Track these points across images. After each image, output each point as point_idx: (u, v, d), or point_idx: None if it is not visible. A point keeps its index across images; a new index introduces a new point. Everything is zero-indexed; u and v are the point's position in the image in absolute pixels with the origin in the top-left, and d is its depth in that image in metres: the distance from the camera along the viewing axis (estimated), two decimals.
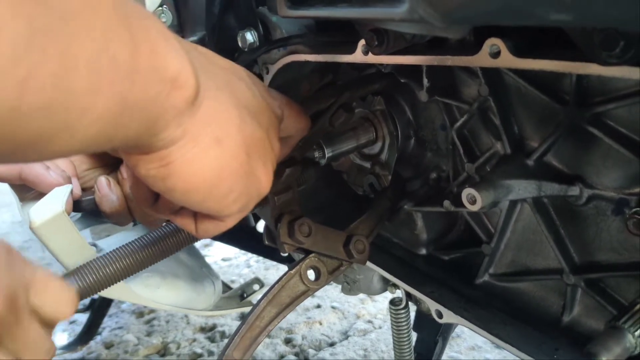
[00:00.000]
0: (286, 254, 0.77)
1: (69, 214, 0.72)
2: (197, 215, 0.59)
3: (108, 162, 0.91)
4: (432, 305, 0.80)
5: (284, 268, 0.80)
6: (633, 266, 0.65)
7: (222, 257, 2.48)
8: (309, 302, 2.08)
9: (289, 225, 0.74)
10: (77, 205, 0.83)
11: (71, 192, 0.76)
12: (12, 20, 0.30)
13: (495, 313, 0.77)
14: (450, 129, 0.80)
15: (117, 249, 0.63)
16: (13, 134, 0.33)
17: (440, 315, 0.79)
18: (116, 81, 0.37)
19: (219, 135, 0.50)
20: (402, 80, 0.83)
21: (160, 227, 0.70)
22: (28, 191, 0.80)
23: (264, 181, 0.58)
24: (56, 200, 0.72)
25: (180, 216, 0.59)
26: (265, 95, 0.62)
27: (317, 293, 2.14)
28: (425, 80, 0.78)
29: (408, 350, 0.98)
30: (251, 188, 0.56)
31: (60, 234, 0.70)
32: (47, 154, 0.38)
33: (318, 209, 1.02)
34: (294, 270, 0.76)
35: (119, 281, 0.63)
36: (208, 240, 2.56)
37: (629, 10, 0.31)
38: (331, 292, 2.15)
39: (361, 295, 2.11)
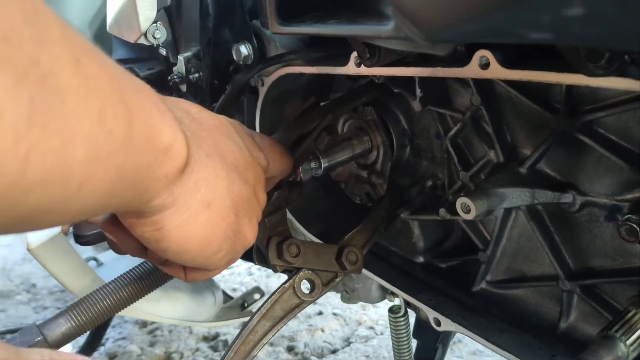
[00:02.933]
0: (278, 272, 0.78)
1: (65, 234, 0.72)
2: (186, 267, 0.61)
3: None
4: (430, 313, 0.80)
5: (284, 276, 0.80)
6: (628, 272, 0.66)
7: None
8: (310, 309, 2.09)
9: (278, 247, 0.75)
10: (83, 239, 0.83)
11: None
12: (14, 102, 0.31)
13: (493, 320, 0.77)
14: (445, 137, 0.81)
15: (113, 281, 0.64)
16: (13, 207, 0.34)
17: (438, 323, 0.80)
18: (112, 153, 0.38)
19: (208, 200, 0.53)
20: (396, 91, 0.84)
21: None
22: None
23: (249, 237, 0.61)
24: None
25: (169, 266, 0.62)
26: (252, 149, 0.63)
27: (319, 300, 2.14)
28: (418, 91, 0.79)
29: (408, 357, 0.99)
30: (237, 245, 0.59)
31: (57, 255, 0.71)
32: (44, 224, 0.40)
33: (317, 218, 1.03)
34: (287, 284, 0.76)
35: (117, 312, 0.63)
36: None
37: (605, 30, 0.31)
38: (332, 299, 2.15)
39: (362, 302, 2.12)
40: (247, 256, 1.47)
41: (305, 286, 0.78)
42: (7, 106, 0.30)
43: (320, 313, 2.05)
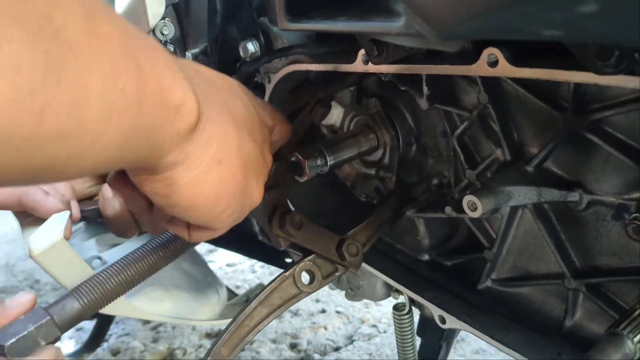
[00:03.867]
0: (282, 249, 0.79)
1: (67, 239, 0.73)
2: (190, 225, 0.62)
3: None
4: (435, 311, 0.81)
5: None
6: (634, 271, 0.66)
7: (227, 262, 2.49)
8: (314, 307, 2.09)
9: (281, 218, 0.76)
10: (82, 214, 0.84)
11: (70, 217, 0.77)
12: (30, 56, 0.32)
13: (498, 318, 0.77)
14: (451, 135, 0.81)
15: (115, 262, 0.64)
16: (30, 159, 0.35)
17: (443, 321, 0.80)
18: (125, 111, 0.39)
19: (219, 157, 0.53)
20: (402, 88, 0.84)
21: (158, 236, 0.70)
22: (28, 217, 0.82)
23: (256, 196, 0.62)
24: (55, 228, 0.73)
25: (174, 225, 0.62)
26: (259, 110, 0.65)
27: (322, 298, 2.15)
28: (425, 88, 0.79)
29: (412, 355, 0.99)
30: (245, 203, 0.60)
31: (60, 261, 0.71)
32: (61, 177, 0.41)
33: (321, 214, 1.03)
34: (288, 272, 0.77)
35: (121, 295, 0.64)
36: (213, 247, 2.57)
37: (617, 27, 0.31)
38: (336, 297, 2.16)
39: (365, 300, 2.12)
40: (251, 252, 1.48)
41: (305, 278, 0.78)
42: (24, 60, 0.31)
43: (323, 311, 2.05)
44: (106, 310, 0.70)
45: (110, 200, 0.83)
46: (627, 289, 0.67)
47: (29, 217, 0.81)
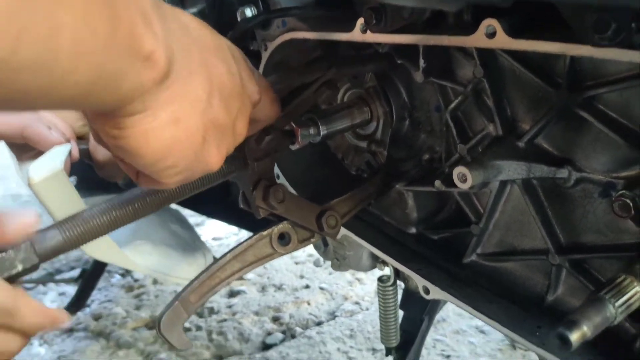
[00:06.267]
0: (260, 217, 0.80)
1: (67, 174, 0.72)
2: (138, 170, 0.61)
3: None
4: (420, 282, 0.82)
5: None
6: (617, 248, 0.67)
7: (213, 236, 2.49)
8: (298, 282, 2.11)
9: (265, 190, 0.77)
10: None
11: (70, 152, 0.76)
12: None
13: (481, 291, 0.79)
14: (445, 110, 0.82)
15: (102, 203, 0.64)
16: (4, 85, 0.38)
17: (427, 292, 0.81)
18: (95, 51, 0.42)
19: (178, 117, 0.52)
20: (399, 62, 0.84)
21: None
22: (27, 151, 0.81)
23: (212, 163, 0.60)
24: (55, 159, 0.72)
25: (124, 163, 0.60)
26: (247, 80, 0.63)
27: (307, 274, 2.17)
28: (421, 61, 0.79)
29: (394, 327, 1.00)
30: (196, 167, 0.59)
31: (58, 192, 0.70)
32: (31, 107, 0.45)
33: (310, 184, 1.04)
34: (265, 232, 0.79)
35: (103, 235, 0.63)
36: (200, 220, 2.57)
37: None
38: (320, 273, 2.17)
39: (349, 278, 2.14)
40: (240, 222, 1.48)
41: (281, 239, 0.81)
42: None
43: (307, 286, 2.07)
44: (98, 255, 0.70)
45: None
46: (609, 266, 0.68)
47: (27, 152, 0.81)
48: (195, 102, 0.54)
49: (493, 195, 0.78)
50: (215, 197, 1.48)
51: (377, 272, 2.08)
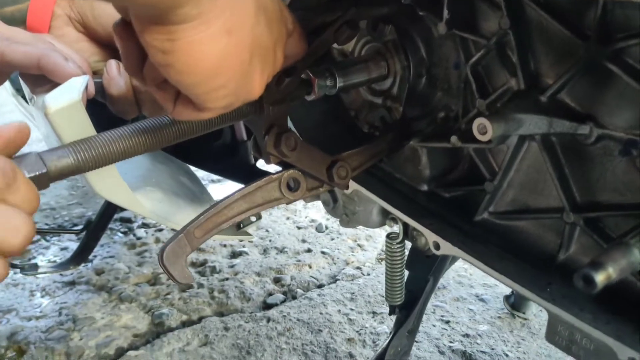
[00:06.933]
0: (270, 164, 0.80)
1: (84, 106, 0.71)
2: (178, 96, 0.59)
3: (118, 55, 0.91)
4: (430, 237, 0.81)
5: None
6: (634, 206, 0.66)
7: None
8: (300, 246, 2.11)
9: (277, 137, 0.76)
10: None
11: (87, 85, 0.75)
12: None
13: (492, 248, 0.78)
14: (465, 65, 0.80)
15: (113, 130, 0.62)
16: None
17: (437, 247, 0.81)
18: None
19: (231, 27, 0.50)
20: (421, 13, 0.83)
21: (157, 118, 0.69)
22: (42, 84, 0.79)
23: (256, 87, 0.59)
24: (73, 89, 0.71)
25: (162, 91, 0.59)
26: (283, 6, 0.62)
27: (309, 239, 2.17)
28: (445, 12, 0.78)
29: (399, 285, 1.00)
30: (242, 90, 0.57)
31: (74, 123, 0.69)
32: None
33: (322, 139, 1.03)
34: (275, 175, 0.79)
35: (114, 162, 0.62)
36: (205, 181, 2.57)
37: None
38: (322, 238, 2.18)
39: (351, 244, 2.15)
40: (243, 178, 1.48)
41: (290, 184, 0.81)
42: None
43: (309, 250, 2.08)
44: (107, 194, 0.69)
45: (116, 79, 0.81)
46: (625, 225, 0.68)
47: (42, 85, 0.79)
48: (245, 15, 0.52)
49: (510, 152, 0.78)
50: (222, 155, 1.47)
51: (378, 239, 2.09)
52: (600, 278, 0.46)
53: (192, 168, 1.41)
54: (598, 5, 0.61)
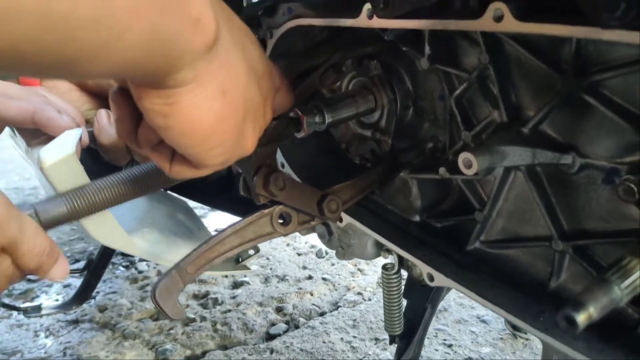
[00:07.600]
0: (260, 203, 0.81)
1: (78, 158, 0.73)
2: (174, 156, 0.60)
3: (107, 104, 0.93)
4: (424, 269, 0.82)
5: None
6: (620, 233, 0.67)
7: (216, 228, 2.50)
8: (300, 273, 2.11)
9: (265, 177, 0.78)
10: None
11: (81, 137, 0.77)
12: None
13: (484, 277, 0.79)
14: (449, 98, 0.82)
15: (105, 178, 0.64)
16: (63, 44, 0.37)
17: (431, 279, 0.81)
18: (149, 10, 0.41)
19: (226, 88, 0.52)
20: (404, 49, 0.85)
21: (147, 164, 0.70)
22: (37, 137, 0.81)
23: (249, 143, 0.61)
24: (67, 143, 0.73)
25: (157, 153, 0.60)
26: (271, 65, 0.64)
27: (309, 265, 2.17)
28: (427, 47, 0.80)
29: (398, 315, 1.01)
30: (237, 147, 0.59)
31: (69, 176, 0.71)
32: (86, 69, 0.42)
33: (313, 174, 1.04)
34: (267, 211, 0.80)
35: (107, 207, 0.64)
36: (202, 212, 2.58)
37: None
38: (322, 264, 2.18)
39: (352, 269, 2.15)
40: (238, 211, 1.48)
41: (281, 219, 0.82)
42: None
43: (310, 277, 2.08)
44: (103, 238, 0.70)
45: (106, 128, 0.83)
46: (612, 252, 0.69)
47: (37, 137, 0.81)
48: (238, 75, 0.54)
49: (497, 183, 0.79)
50: (219, 188, 1.48)
51: (378, 263, 2.08)
52: (581, 318, 0.46)
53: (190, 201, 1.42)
54: (572, 41, 0.63)
